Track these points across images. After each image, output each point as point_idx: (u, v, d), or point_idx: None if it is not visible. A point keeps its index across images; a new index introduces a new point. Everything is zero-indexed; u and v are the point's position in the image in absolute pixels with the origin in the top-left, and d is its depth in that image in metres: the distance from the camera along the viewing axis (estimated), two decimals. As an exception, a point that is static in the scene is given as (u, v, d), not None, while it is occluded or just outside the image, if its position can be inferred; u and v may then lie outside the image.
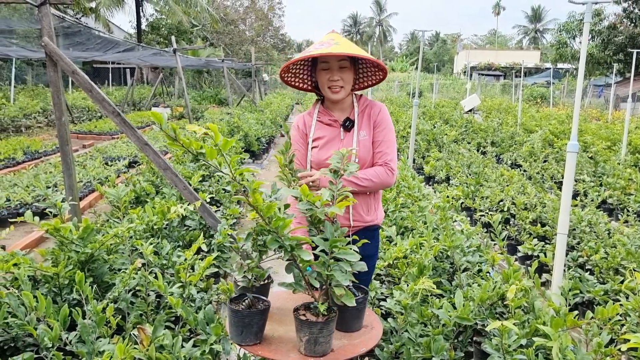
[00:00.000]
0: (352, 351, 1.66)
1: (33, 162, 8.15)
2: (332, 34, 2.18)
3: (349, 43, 2.10)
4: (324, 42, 2.07)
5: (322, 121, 2.23)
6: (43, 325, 1.94)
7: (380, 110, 2.25)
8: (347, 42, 2.10)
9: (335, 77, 2.11)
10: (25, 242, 4.58)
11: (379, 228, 2.32)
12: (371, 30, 75.83)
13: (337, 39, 2.09)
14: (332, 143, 2.19)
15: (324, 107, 2.26)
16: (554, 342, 1.81)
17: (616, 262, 3.66)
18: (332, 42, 2.06)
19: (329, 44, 2.04)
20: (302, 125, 2.27)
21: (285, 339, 1.71)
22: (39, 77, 22.97)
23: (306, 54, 2.06)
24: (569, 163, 2.91)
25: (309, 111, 2.30)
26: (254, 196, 1.52)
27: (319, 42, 2.10)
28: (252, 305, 1.74)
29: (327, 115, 2.22)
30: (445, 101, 22.67)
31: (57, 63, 3.61)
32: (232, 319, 1.68)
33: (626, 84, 21.44)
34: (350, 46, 2.06)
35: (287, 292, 1.84)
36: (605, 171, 7.47)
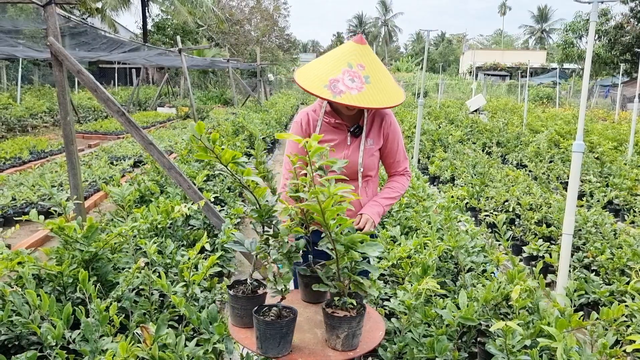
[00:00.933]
0: (372, 339, 1.70)
1: (39, 161, 8.19)
2: (361, 50, 1.95)
3: (377, 72, 1.92)
4: (355, 75, 1.88)
5: (329, 123, 2.15)
6: (47, 324, 1.95)
7: (391, 121, 2.21)
8: (376, 69, 1.93)
9: (355, 109, 2.06)
10: (31, 241, 4.60)
11: (375, 235, 2.38)
12: (377, 31, 75.76)
13: (367, 67, 1.91)
14: (339, 147, 2.13)
15: (332, 109, 2.15)
16: (559, 343, 1.79)
17: (622, 263, 3.64)
18: (362, 75, 1.88)
19: (361, 80, 1.87)
20: (305, 124, 2.17)
21: (307, 341, 1.68)
22: (45, 77, 23.11)
23: (337, 99, 1.84)
24: (575, 163, 2.89)
25: (314, 108, 2.19)
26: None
27: (348, 70, 1.89)
28: (280, 315, 1.65)
29: (335, 118, 2.14)
30: (451, 101, 22.61)
31: (62, 63, 3.62)
32: (268, 331, 1.56)
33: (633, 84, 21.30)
34: (379, 83, 1.90)
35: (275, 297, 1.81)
36: (612, 172, 7.43)
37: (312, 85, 1.91)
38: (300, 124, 2.17)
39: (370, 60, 1.95)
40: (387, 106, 1.89)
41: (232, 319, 1.78)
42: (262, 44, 33.26)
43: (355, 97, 1.84)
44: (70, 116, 3.71)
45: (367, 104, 1.85)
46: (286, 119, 16.27)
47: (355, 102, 1.84)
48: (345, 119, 2.16)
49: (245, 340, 1.67)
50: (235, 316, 1.76)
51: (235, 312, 1.75)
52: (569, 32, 24.75)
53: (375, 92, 1.87)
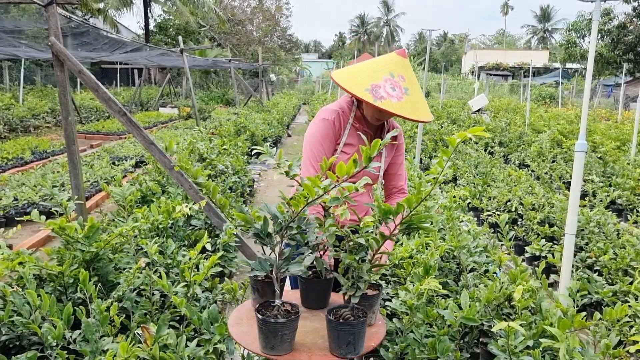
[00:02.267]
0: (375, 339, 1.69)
1: (41, 161, 8.20)
2: (402, 63, 1.97)
3: (415, 86, 1.95)
4: (396, 84, 1.89)
5: (357, 128, 2.13)
6: (47, 324, 1.95)
7: (400, 133, 2.21)
8: (414, 83, 1.96)
9: (386, 117, 2.08)
10: (33, 241, 4.61)
11: None
12: (379, 31, 75.72)
13: (408, 81, 1.93)
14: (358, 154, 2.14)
15: (362, 115, 2.13)
16: (562, 343, 1.78)
17: (625, 263, 3.62)
18: (402, 86, 1.90)
19: (401, 90, 1.89)
20: (337, 123, 2.10)
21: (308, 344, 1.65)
22: (47, 77, 23.17)
23: (377, 103, 1.85)
24: (577, 162, 2.88)
25: (343, 109, 2.13)
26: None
27: (389, 79, 1.90)
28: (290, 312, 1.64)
29: (362, 125, 2.13)
30: (453, 101, 22.58)
31: (63, 63, 3.62)
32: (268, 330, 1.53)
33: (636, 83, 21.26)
34: (418, 96, 1.93)
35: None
36: (615, 171, 7.40)
37: (354, 87, 1.90)
38: (333, 122, 2.10)
39: (410, 74, 1.98)
40: (421, 120, 1.93)
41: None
42: (264, 44, 33.28)
43: (395, 104, 1.86)
44: (71, 116, 3.71)
45: (406, 114, 1.87)
46: (288, 119, 16.26)
47: (395, 110, 1.85)
48: (369, 128, 2.16)
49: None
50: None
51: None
52: (571, 32, 24.67)
53: (412, 104, 1.89)
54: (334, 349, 1.55)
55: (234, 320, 1.84)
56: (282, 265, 1.62)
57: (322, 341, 1.63)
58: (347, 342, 1.52)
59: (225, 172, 5.45)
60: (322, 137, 2.07)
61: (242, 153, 7.35)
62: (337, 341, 1.53)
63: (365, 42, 73.56)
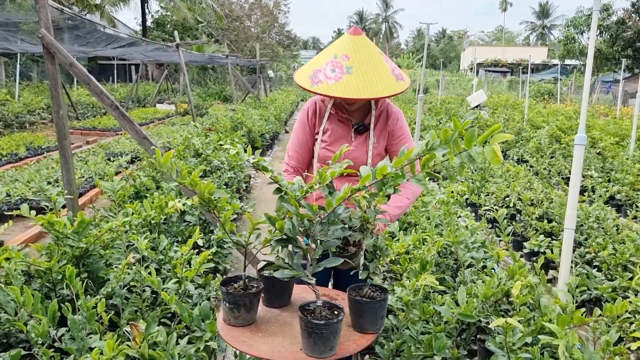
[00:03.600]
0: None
1: (35, 157, 8.14)
2: (351, 40, 1.90)
3: (364, 64, 1.86)
4: (336, 65, 1.85)
5: (336, 114, 2.11)
6: (33, 322, 1.89)
7: (398, 119, 2.14)
8: (364, 60, 1.86)
9: (350, 102, 2.02)
10: (25, 237, 4.55)
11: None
12: (377, 27, 75.54)
13: (353, 59, 1.85)
14: (341, 142, 2.09)
15: (340, 102, 2.10)
16: (561, 340, 1.73)
17: (625, 259, 3.58)
18: (344, 66, 1.84)
19: (341, 71, 1.83)
20: (311, 114, 2.12)
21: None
22: (44, 73, 23.04)
23: (313, 88, 1.84)
24: (577, 156, 2.83)
25: (323, 99, 2.13)
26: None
27: (332, 61, 1.87)
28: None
29: (341, 112, 2.10)
30: (452, 98, 22.53)
31: (54, 55, 3.56)
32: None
33: (635, 79, 21.21)
34: (364, 75, 1.83)
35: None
36: (614, 167, 7.36)
37: (299, 75, 1.94)
38: (307, 112, 2.13)
39: (359, 50, 1.88)
40: (363, 97, 1.82)
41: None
42: (262, 40, 33.16)
43: (330, 87, 1.81)
44: (63, 110, 3.65)
45: (340, 94, 1.80)
46: (286, 115, 16.20)
47: (328, 92, 1.81)
48: (351, 115, 2.12)
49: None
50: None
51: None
52: (570, 28, 24.62)
53: (354, 82, 1.81)
54: (369, 327, 1.61)
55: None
56: (315, 263, 1.55)
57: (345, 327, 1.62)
58: (381, 316, 1.64)
59: (221, 168, 5.39)
60: (297, 127, 2.14)
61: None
62: (374, 319, 1.60)
63: (364, 39, 73.26)
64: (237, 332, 1.57)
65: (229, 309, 1.59)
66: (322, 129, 2.11)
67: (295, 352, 1.48)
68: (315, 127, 2.13)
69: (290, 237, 1.54)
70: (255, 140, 9.73)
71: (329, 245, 1.55)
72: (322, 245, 1.55)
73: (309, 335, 1.43)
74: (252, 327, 1.61)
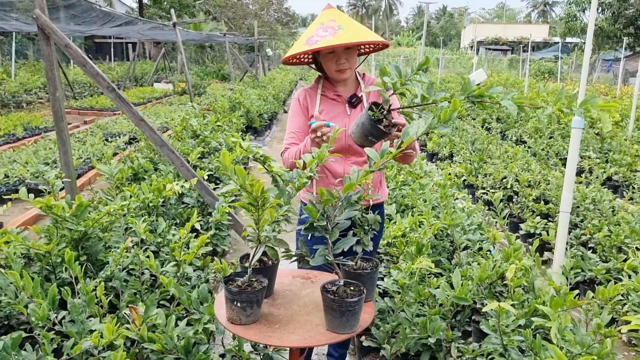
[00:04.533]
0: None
1: (33, 138, 8.11)
2: (330, 11, 2.09)
3: (351, 22, 2.04)
4: (327, 27, 2.00)
5: (327, 96, 2.19)
6: (33, 305, 1.92)
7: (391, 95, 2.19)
8: (349, 21, 2.05)
9: (342, 61, 2.08)
10: (23, 219, 4.57)
11: (383, 204, 2.35)
12: (377, 4, 74.48)
13: (338, 21, 2.02)
14: (337, 119, 2.15)
15: (329, 82, 2.21)
16: (553, 322, 1.76)
17: (619, 240, 3.61)
18: (334, 26, 1.99)
19: (333, 29, 1.98)
20: (302, 99, 2.22)
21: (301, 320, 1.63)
22: (40, 52, 22.77)
23: (313, 47, 1.97)
24: (574, 140, 2.83)
25: (312, 86, 2.25)
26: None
27: (320, 26, 2.02)
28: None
29: (332, 91, 2.19)
30: (452, 76, 22.36)
31: (49, 36, 3.52)
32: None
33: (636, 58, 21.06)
34: (355, 28, 2.00)
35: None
36: (612, 147, 7.36)
37: (292, 49, 2.07)
38: (298, 100, 2.23)
39: (340, 15, 2.07)
40: (364, 40, 1.98)
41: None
42: (260, 17, 32.72)
43: (330, 39, 1.94)
44: (59, 92, 3.63)
45: (341, 41, 1.94)
46: (284, 94, 16.10)
47: (330, 43, 1.93)
48: (341, 91, 2.20)
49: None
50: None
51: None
52: (572, 5, 24.29)
53: (349, 33, 1.96)
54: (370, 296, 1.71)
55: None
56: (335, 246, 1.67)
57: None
58: (375, 284, 1.80)
59: (219, 149, 5.38)
60: (292, 114, 2.24)
61: (237, 129, 7.27)
62: (372, 288, 1.73)
63: (364, 16, 72.42)
64: (256, 330, 1.55)
65: (240, 307, 1.54)
66: (316, 110, 2.17)
67: (324, 332, 1.53)
68: (309, 111, 2.19)
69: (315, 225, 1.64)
70: (253, 121, 9.69)
71: (341, 227, 1.65)
72: (337, 228, 1.64)
73: (341, 315, 1.50)
74: (263, 322, 1.58)
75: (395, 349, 2.23)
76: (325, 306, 1.53)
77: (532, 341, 1.92)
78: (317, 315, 1.62)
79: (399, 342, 2.22)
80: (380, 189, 2.26)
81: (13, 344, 1.72)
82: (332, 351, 2.50)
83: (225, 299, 1.57)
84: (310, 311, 1.66)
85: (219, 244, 3.46)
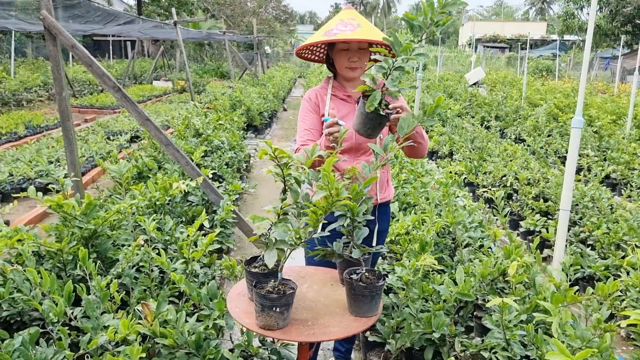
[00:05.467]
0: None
1: (35, 136, 8.14)
2: (350, 11, 2.18)
3: (369, 25, 2.12)
4: (347, 23, 2.08)
5: (337, 96, 2.24)
6: (48, 301, 1.97)
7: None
8: (367, 23, 2.13)
9: (354, 59, 2.15)
10: (29, 218, 4.61)
11: (389, 203, 2.39)
12: (375, 1, 74.41)
13: (358, 20, 2.11)
14: (347, 118, 2.18)
15: (338, 83, 2.26)
16: (554, 317, 1.82)
17: (618, 238, 3.67)
18: (354, 23, 2.07)
19: (353, 26, 2.06)
20: (314, 98, 2.26)
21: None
22: (38, 50, 22.74)
23: (332, 38, 2.05)
24: (573, 139, 2.89)
25: (322, 86, 2.31)
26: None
27: (340, 22, 2.10)
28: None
29: (342, 91, 2.24)
30: (450, 74, 22.38)
31: (56, 37, 3.56)
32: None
33: (633, 56, 21.09)
34: (372, 30, 2.08)
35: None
36: (610, 146, 7.43)
37: (311, 39, 2.16)
38: (310, 98, 2.27)
39: (359, 16, 2.15)
40: (379, 40, 2.02)
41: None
42: (259, 15, 32.70)
43: (348, 34, 2.03)
44: (65, 92, 3.67)
45: (360, 37, 2.01)
46: (284, 92, 16.12)
47: (350, 37, 2.01)
48: (352, 92, 2.25)
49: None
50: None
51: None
52: (570, 3, 24.35)
53: (367, 32, 2.04)
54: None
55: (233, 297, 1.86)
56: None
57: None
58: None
59: (222, 148, 5.43)
60: (304, 112, 2.28)
61: (238, 128, 7.31)
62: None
63: (362, 13, 72.34)
64: (295, 331, 1.57)
65: (279, 312, 1.54)
66: (326, 110, 2.21)
67: (356, 319, 1.65)
68: (320, 110, 2.23)
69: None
70: (254, 119, 9.73)
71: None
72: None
73: (371, 299, 1.64)
74: (293, 323, 1.61)
75: (400, 343, 2.29)
76: (354, 295, 1.63)
77: (534, 336, 1.98)
78: (336, 306, 1.71)
79: (403, 337, 2.27)
80: (387, 188, 2.31)
81: (31, 339, 1.77)
82: (339, 346, 2.55)
83: (258, 306, 1.55)
84: (327, 304, 1.73)
85: (224, 241, 3.51)
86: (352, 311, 1.66)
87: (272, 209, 1.67)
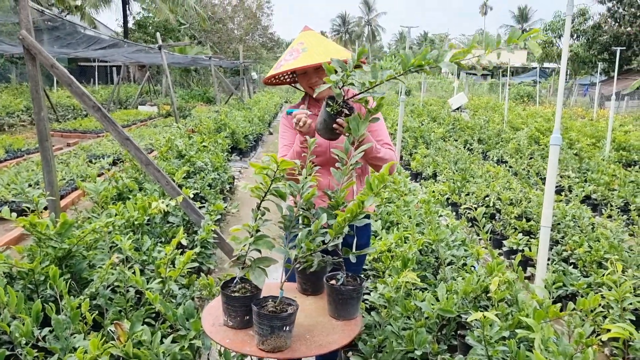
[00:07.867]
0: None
1: (15, 160, 8.01)
2: (303, 33, 2.23)
3: (319, 44, 2.15)
4: (294, 50, 2.14)
5: (313, 112, 2.27)
6: (16, 322, 1.89)
7: (367, 100, 2.26)
8: (317, 43, 2.15)
9: (312, 80, 2.21)
10: (6, 240, 4.50)
11: (369, 216, 2.37)
12: (360, 30, 75.88)
13: (306, 43, 2.15)
14: None
15: (313, 100, 2.31)
16: (537, 333, 1.79)
17: (599, 256, 3.68)
18: (300, 48, 2.13)
19: (298, 52, 2.13)
20: (290, 118, 2.27)
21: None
22: (23, 75, 22.61)
23: (277, 70, 2.14)
24: (552, 156, 2.92)
25: (297, 104, 2.37)
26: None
27: (290, 50, 2.17)
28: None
29: (317, 107, 2.29)
30: (434, 100, 22.74)
31: (35, 57, 3.53)
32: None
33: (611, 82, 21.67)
34: (317, 51, 2.11)
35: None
36: (590, 167, 7.54)
37: (268, 74, 2.25)
38: (286, 119, 2.33)
39: (310, 38, 2.19)
40: (319, 62, 2.03)
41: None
42: (246, 42, 33.05)
43: (290, 63, 2.09)
44: (44, 112, 3.62)
45: (298, 64, 2.07)
46: (270, 116, 16.19)
47: (290, 67, 2.08)
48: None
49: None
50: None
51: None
52: (548, 32, 25.09)
53: (309, 56, 2.08)
54: None
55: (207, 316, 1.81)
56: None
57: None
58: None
59: (205, 169, 5.39)
60: (283, 130, 2.37)
61: (223, 150, 7.28)
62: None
63: (347, 42, 73.63)
64: (302, 347, 1.57)
65: (289, 331, 1.54)
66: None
67: (349, 322, 1.72)
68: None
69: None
70: (239, 142, 9.72)
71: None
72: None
73: (358, 300, 1.74)
74: (295, 339, 1.60)
75: (382, 363, 2.23)
76: (343, 299, 1.69)
77: (517, 352, 1.95)
78: (317, 315, 1.77)
79: (385, 355, 2.22)
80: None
81: (-5, 361, 1.69)
82: None
83: (266, 329, 1.51)
84: (307, 315, 1.76)
85: (205, 262, 3.45)
86: (338, 315, 1.71)
87: (247, 227, 1.65)
